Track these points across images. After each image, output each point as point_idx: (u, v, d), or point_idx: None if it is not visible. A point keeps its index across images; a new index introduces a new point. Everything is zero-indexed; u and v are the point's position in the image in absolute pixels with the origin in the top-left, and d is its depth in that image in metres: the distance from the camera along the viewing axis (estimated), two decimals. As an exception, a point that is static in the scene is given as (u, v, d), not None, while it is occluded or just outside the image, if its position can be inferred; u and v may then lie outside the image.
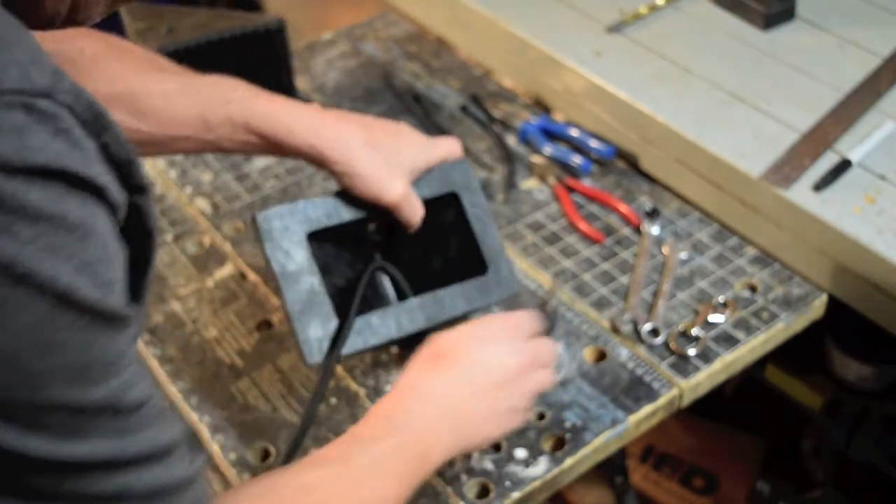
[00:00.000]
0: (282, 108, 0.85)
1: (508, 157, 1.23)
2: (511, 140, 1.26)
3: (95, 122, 0.49)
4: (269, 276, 0.89)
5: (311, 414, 0.85)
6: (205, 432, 0.93)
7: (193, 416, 0.95)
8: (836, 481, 1.35)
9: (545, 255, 1.09)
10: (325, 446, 0.74)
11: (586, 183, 1.18)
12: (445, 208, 0.94)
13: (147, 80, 0.84)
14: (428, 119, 1.30)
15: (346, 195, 0.88)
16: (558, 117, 1.28)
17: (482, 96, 1.33)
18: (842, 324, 1.12)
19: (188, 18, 1.23)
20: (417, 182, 0.91)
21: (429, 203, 0.91)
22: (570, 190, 1.17)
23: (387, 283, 0.95)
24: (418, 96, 1.34)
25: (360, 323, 0.86)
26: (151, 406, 0.54)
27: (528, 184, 1.19)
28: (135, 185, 0.53)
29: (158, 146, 0.85)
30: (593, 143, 1.21)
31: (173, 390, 0.98)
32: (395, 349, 0.99)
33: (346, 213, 0.88)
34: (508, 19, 1.30)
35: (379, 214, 0.89)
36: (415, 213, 0.89)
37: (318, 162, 0.85)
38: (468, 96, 1.33)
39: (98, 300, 0.48)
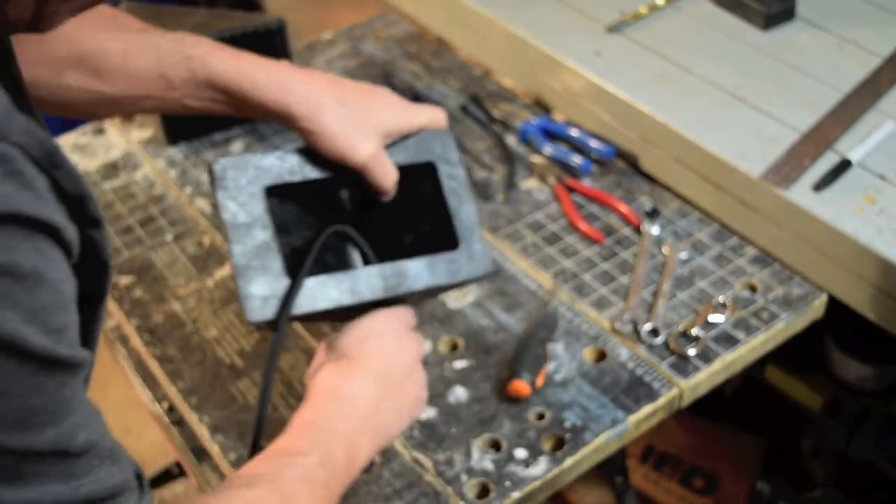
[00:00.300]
0: (247, 63, 0.81)
1: (508, 157, 1.23)
2: (511, 140, 1.26)
3: (47, 160, 0.49)
4: (221, 227, 0.83)
5: (269, 378, 0.80)
6: (205, 432, 0.93)
7: (193, 417, 0.95)
8: (836, 481, 1.35)
9: (545, 255, 1.09)
10: (253, 461, 0.72)
11: (586, 183, 1.18)
12: (422, 179, 0.88)
13: (105, 40, 0.81)
14: (428, 119, 1.30)
15: (316, 154, 0.83)
16: (558, 117, 1.28)
17: (482, 96, 1.33)
18: (842, 324, 1.12)
19: (188, 18, 1.23)
20: (392, 147, 0.86)
21: (404, 172, 0.86)
22: (570, 190, 1.17)
23: (356, 255, 0.90)
24: (418, 96, 1.34)
25: (312, 285, 0.80)
26: (100, 448, 0.53)
27: (528, 184, 1.19)
28: (88, 219, 0.53)
29: (122, 106, 0.83)
30: (593, 143, 1.21)
31: (173, 390, 0.98)
32: (395, 349, 0.99)
33: (312, 172, 0.83)
34: (508, 19, 1.30)
35: (348, 176, 0.84)
36: (386, 177, 0.84)
37: (285, 119, 0.81)
38: (468, 96, 1.33)
39: (46, 348, 0.48)
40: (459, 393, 0.95)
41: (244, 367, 0.99)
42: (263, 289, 0.78)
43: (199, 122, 1.27)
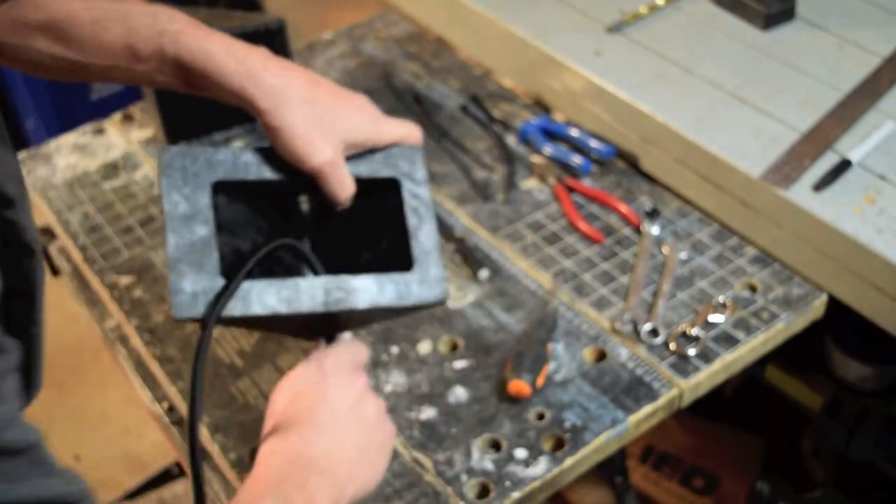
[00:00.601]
0: (219, 45, 0.77)
1: (508, 157, 1.23)
2: (511, 140, 1.26)
3: None
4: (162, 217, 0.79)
5: (196, 378, 0.77)
6: (205, 432, 0.93)
7: (193, 416, 0.95)
8: (836, 481, 1.35)
9: (545, 255, 1.09)
10: None
11: (586, 183, 1.18)
12: (385, 196, 0.85)
13: (76, 7, 0.78)
14: (428, 119, 1.30)
15: (275, 154, 0.80)
16: (558, 117, 1.28)
17: (482, 96, 1.33)
18: (842, 324, 1.12)
19: (188, 18, 1.23)
20: (357, 159, 0.82)
21: (366, 186, 0.82)
22: (570, 190, 1.17)
23: (307, 270, 0.85)
24: (418, 96, 1.34)
25: (249, 289, 0.76)
26: (39, 456, 0.52)
27: (528, 184, 1.19)
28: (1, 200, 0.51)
29: (92, 74, 0.80)
30: (593, 143, 1.21)
31: (173, 390, 0.98)
32: (394, 350, 0.99)
33: (266, 173, 0.79)
34: (508, 19, 1.30)
35: (304, 181, 0.80)
36: (340, 187, 0.80)
37: (249, 109, 0.78)
38: (468, 96, 1.33)
39: None
40: (459, 393, 0.95)
41: (244, 367, 0.99)
42: (195, 286, 0.74)
43: (200, 121, 1.27)
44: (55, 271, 1.30)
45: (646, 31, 1.27)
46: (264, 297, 0.76)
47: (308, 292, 0.78)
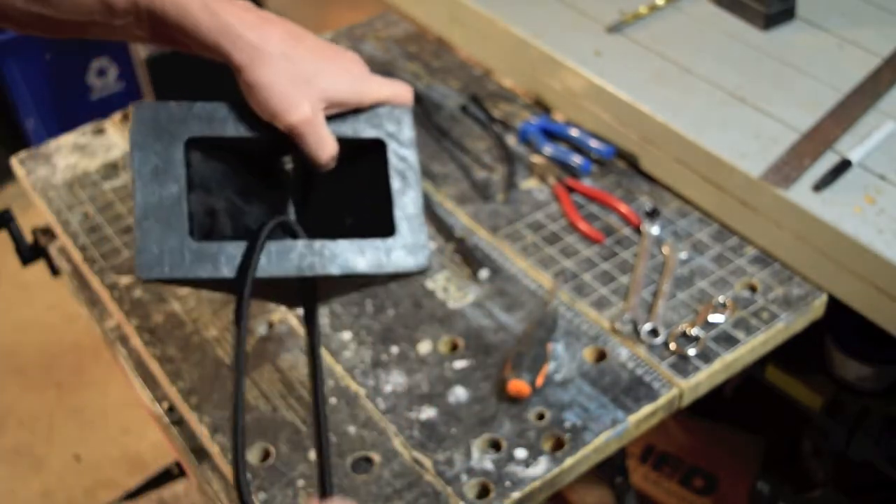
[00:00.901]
0: None
1: (508, 157, 1.23)
2: (511, 140, 1.26)
3: None
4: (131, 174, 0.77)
5: (239, 361, 0.76)
6: (205, 432, 0.93)
7: (193, 417, 0.95)
8: (836, 481, 1.35)
9: (545, 255, 1.09)
10: None
11: (586, 183, 1.18)
12: (370, 157, 0.81)
13: None
14: (428, 119, 1.30)
15: (251, 109, 0.77)
16: (558, 117, 1.28)
17: (482, 96, 1.33)
18: (842, 324, 1.12)
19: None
20: (340, 118, 0.79)
21: (351, 147, 0.79)
22: (570, 190, 1.17)
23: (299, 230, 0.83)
24: (418, 96, 1.34)
25: (217, 250, 0.73)
26: None
27: (528, 184, 1.19)
28: None
29: (70, 30, 0.78)
30: (593, 143, 1.21)
31: (173, 390, 0.98)
32: (394, 350, 0.99)
33: (243, 129, 0.76)
34: (508, 19, 1.30)
35: (284, 140, 0.77)
36: (320, 147, 0.77)
37: (228, 64, 0.76)
38: (468, 96, 1.33)
39: None
40: (459, 393, 0.95)
41: (244, 367, 0.99)
42: (161, 245, 0.72)
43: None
44: (55, 271, 1.30)
45: (646, 31, 1.27)
46: (234, 259, 0.73)
47: (281, 256, 0.75)
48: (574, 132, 1.23)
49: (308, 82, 0.76)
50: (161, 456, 2.01)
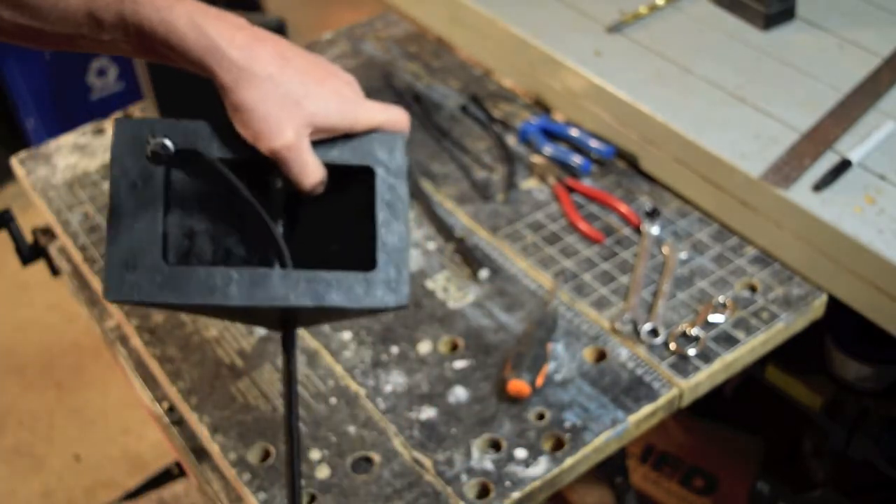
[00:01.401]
0: (181, 15, 0.73)
1: (508, 157, 1.23)
2: (511, 140, 1.26)
3: None
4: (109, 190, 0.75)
5: (292, 389, 0.75)
6: (205, 432, 0.93)
7: (193, 417, 0.95)
8: (836, 481, 1.35)
9: (545, 255, 1.09)
10: None
11: (586, 183, 1.18)
12: (359, 185, 0.79)
13: None
14: (428, 119, 1.30)
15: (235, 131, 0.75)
16: (558, 117, 1.28)
17: (482, 96, 1.33)
18: (842, 324, 1.12)
19: (188, 18, 1.23)
20: (328, 143, 0.77)
21: (341, 173, 0.77)
22: (570, 190, 1.17)
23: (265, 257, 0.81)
24: (418, 96, 1.34)
25: (187, 274, 0.72)
26: None
27: (528, 184, 1.19)
28: None
29: (58, 43, 0.77)
30: (593, 143, 1.21)
31: (173, 390, 0.98)
32: (394, 350, 0.99)
33: (228, 150, 0.75)
34: (508, 19, 1.30)
35: (265, 162, 0.75)
36: (304, 173, 0.75)
37: (213, 82, 0.74)
38: (468, 96, 1.33)
39: None
40: (459, 393, 0.95)
41: (244, 367, 0.99)
42: (131, 266, 0.70)
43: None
44: (55, 271, 1.30)
45: (646, 31, 1.27)
46: (206, 286, 0.72)
47: (248, 283, 0.73)
48: (574, 132, 1.23)
49: (295, 106, 0.74)
50: (161, 456, 2.01)
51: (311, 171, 0.75)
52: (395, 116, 0.79)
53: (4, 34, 0.77)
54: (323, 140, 0.76)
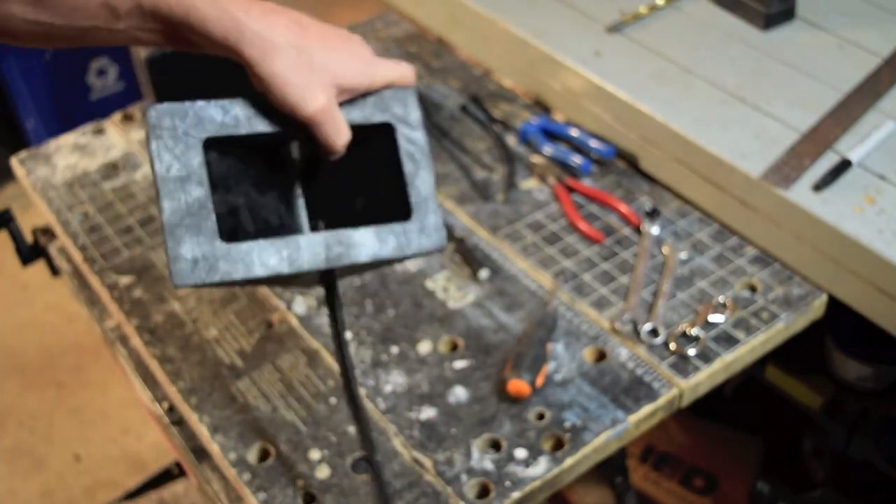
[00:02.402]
0: None
1: (508, 157, 1.23)
2: (511, 140, 1.26)
3: None
4: (154, 181, 0.77)
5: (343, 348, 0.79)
6: (205, 432, 0.93)
7: (193, 417, 0.95)
8: (836, 481, 1.35)
9: (545, 255, 1.09)
10: None
11: (586, 183, 1.18)
12: (379, 141, 0.82)
13: None
14: (428, 119, 1.30)
15: (263, 103, 0.77)
16: (558, 117, 1.28)
17: (482, 96, 1.33)
18: (842, 324, 1.12)
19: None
20: (349, 104, 0.80)
21: (360, 132, 0.80)
22: (570, 190, 1.17)
23: (303, 212, 0.85)
24: (418, 96, 1.34)
25: (248, 249, 0.74)
26: None
27: (528, 184, 1.19)
28: None
29: (70, 38, 0.77)
30: (593, 143, 1.21)
31: (173, 390, 0.98)
32: (394, 350, 0.99)
33: (258, 125, 0.77)
34: (508, 19, 1.30)
35: (296, 130, 0.77)
36: (336, 134, 0.77)
37: (236, 59, 0.75)
38: (468, 96, 1.33)
39: None
40: (459, 393, 0.95)
41: (244, 367, 0.99)
42: (194, 251, 0.72)
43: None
44: (55, 271, 1.30)
45: (646, 31, 1.27)
46: (265, 257, 0.75)
47: (307, 249, 0.76)
48: (574, 132, 1.23)
49: (320, 71, 0.76)
50: (161, 456, 2.01)
51: (342, 131, 0.77)
52: (404, 71, 0.83)
53: (13, 35, 0.77)
54: (344, 101, 0.79)
